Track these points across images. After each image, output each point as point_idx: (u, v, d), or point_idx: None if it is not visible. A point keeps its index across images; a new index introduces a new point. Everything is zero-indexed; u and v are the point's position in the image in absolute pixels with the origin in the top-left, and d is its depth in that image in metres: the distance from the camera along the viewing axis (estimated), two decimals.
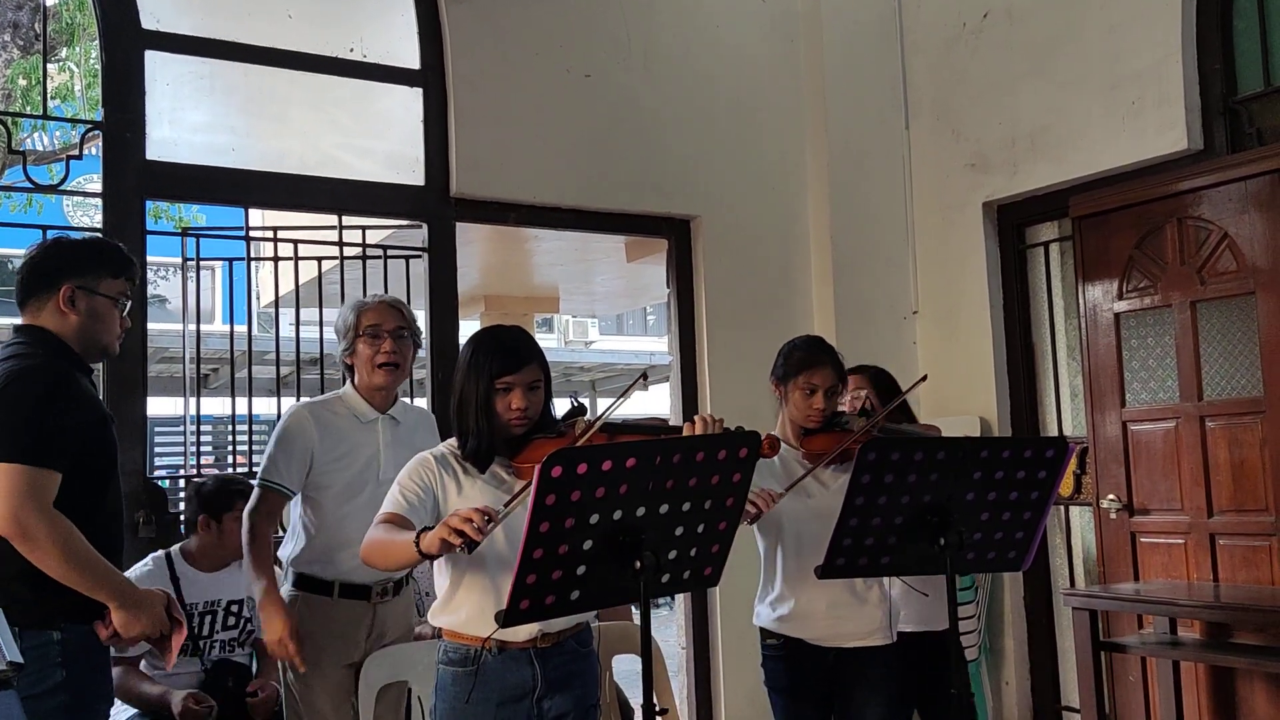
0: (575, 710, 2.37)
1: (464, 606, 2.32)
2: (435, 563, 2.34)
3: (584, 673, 2.42)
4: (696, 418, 2.38)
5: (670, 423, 2.60)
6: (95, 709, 2.41)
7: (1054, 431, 4.78)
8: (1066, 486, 4.52)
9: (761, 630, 3.01)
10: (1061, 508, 4.75)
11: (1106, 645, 4.02)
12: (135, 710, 3.29)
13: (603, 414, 2.35)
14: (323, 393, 3.65)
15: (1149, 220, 4.30)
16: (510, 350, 2.34)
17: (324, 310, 4.33)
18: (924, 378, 3.26)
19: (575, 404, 2.45)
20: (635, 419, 2.86)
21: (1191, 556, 4.16)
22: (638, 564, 1.98)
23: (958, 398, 4.85)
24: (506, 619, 1.98)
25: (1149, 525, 4.29)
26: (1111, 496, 4.37)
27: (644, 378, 2.34)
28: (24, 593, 2.25)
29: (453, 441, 2.40)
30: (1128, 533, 4.36)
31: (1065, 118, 4.53)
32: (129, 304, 2.55)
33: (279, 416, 3.13)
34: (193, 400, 4.52)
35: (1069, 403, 4.84)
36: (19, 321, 2.47)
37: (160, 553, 3.47)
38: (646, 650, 2.09)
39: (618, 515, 1.96)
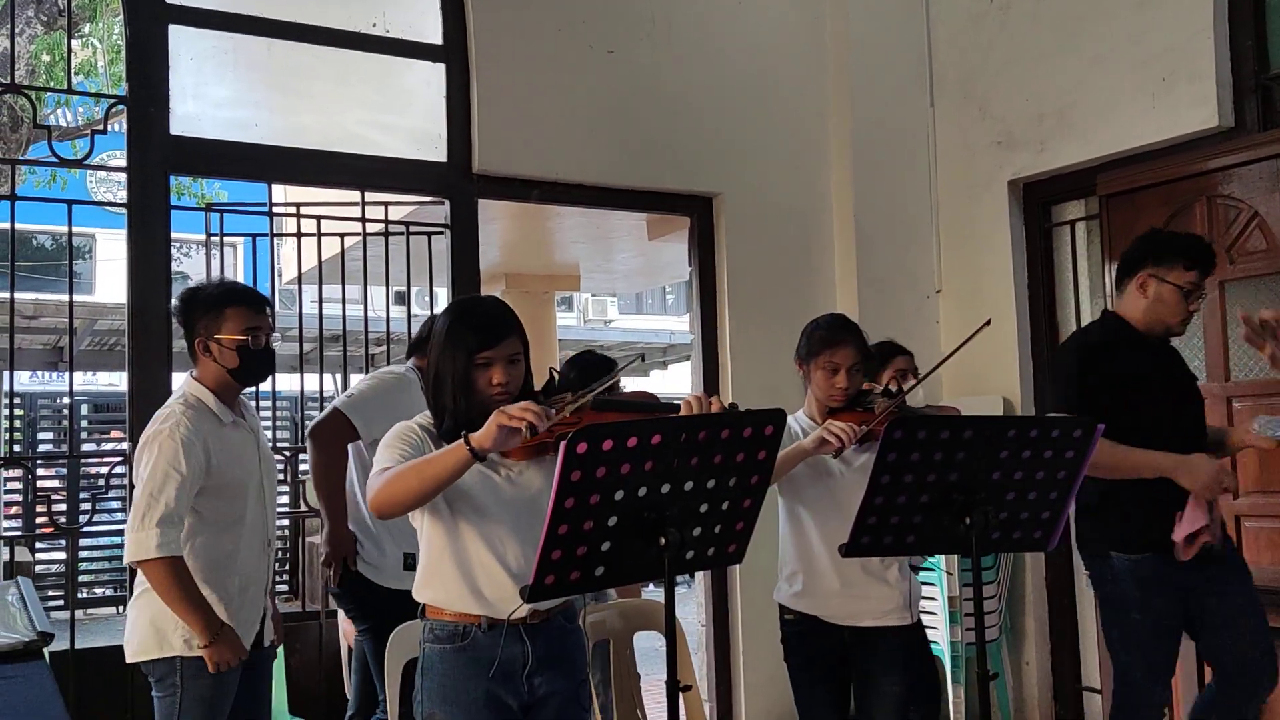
0: (566, 688, 2.33)
1: (448, 582, 2.26)
2: (422, 532, 2.30)
3: (572, 649, 2.38)
4: (690, 397, 2.28)
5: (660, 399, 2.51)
6: None
7: None
8: None
9: (780, 606, 3.02)
10: None
11: None
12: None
13: (590, 389, 2.23)
14: (344, 370, 3.65)
15: (1178, 198, 4.25)
16: (490, 323, 2.23)
17: (346, 287, 4.33)
18: (988, 321, 3.12)
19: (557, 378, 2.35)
20: (623, 396, 2.80)
21: None
22: (662, 541, 1.98)
23: (981, 377, 4.82)
24: (532, 594, 1.97)
25: None
26: None
27: (641, 358, 2.26)
28: None
29: (428, 414, 2.30)
30: None
31: (1094, 94, 4.47)
32: (1202, 296, 3.10)
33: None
34: None
35: None
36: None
37: (406, 370, 3.52)
38: (671, 627, 2.10)
39: (642, 492, 1.95)
